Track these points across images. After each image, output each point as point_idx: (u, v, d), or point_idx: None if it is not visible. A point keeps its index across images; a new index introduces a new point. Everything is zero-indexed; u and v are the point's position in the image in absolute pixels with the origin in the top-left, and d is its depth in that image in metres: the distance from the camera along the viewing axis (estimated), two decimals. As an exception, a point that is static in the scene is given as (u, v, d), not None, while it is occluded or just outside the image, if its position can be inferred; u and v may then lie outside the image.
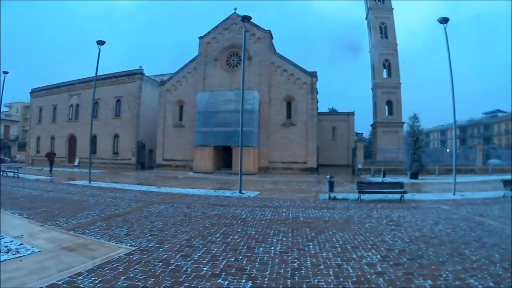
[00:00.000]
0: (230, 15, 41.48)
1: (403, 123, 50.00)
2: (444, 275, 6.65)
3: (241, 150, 21.17)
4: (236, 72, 38.95)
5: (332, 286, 5.98)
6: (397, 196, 17.77)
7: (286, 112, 39.70)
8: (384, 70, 58.72)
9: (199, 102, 37.79)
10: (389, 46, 57.92)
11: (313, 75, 39.91)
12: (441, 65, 21.86)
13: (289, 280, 6.15)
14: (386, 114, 57.65)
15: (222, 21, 42.01)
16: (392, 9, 59.27)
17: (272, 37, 42.24)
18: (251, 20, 22.32)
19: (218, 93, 37.45)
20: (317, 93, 42.10)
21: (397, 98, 57.13)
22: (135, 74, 45.76)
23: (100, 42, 24.77)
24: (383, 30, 58.36)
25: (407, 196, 18.21)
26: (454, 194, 20.59)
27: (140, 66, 46.42)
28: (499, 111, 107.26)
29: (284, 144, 38.42)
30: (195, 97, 38.52)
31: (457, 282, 6.31)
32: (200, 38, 42.24)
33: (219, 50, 41.33)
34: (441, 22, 21.67)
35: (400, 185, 18.31)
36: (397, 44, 58.54)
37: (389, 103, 57.56)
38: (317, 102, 45.81)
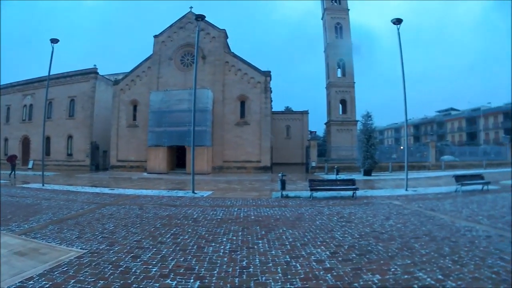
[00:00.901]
0: (186, 13, 41.10)
1: (357, 121, 50.69)
2: (392, 269, 6.77)
3: (193, 149, 21.03)
4: (191, 71, 37.97)
5: (279, 283, 5.99)
6: (349, 193, 18.05)
7: (240, 111, 39.68)
8: (339, 69, 59.67)
9: (153, 101, 37.26)
10: (343, 46, 58.80)
11: (266, 74, 40.05)
12: (398, 65, 22.33)
13: (237, 279, 6.17)
14: (340, 113, 58.66)
15: (178, 20, 41.60)
16: (348, 9, 60.38)
17: (227, 36, 42.16)
18: (206, 20, 22.21)
19: (172, 93, 37.06)
20: (271, 92, 42.27)
21: (351, 97, 58.22)
22: (89, 73, 44.47)
23: (54, 40, 23.94)
24: (338, 30, 59.33)
25: (359, 193, 18.50)
26: (406, 190, 21.02)
27: (95, 65, 45.20)
28: (452, 109, 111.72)
29: (238, 143, 38.41)
30: (149, 97, 37.92)
31: (406, 276, 6.44)
32: (155, 37, 41.76)
33: (174, 49, 40.91)
34: (394, 23, 22.04)
35: (352, 182, 18.63)
36: (352, 44, 59.57)
37: (343, 102, 58.62)
38: (271, 101, 46.02)
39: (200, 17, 21.43)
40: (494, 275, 6.61)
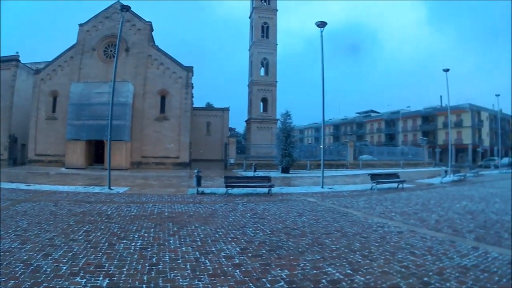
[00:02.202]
0: (113, 3, 39.87)
1: (277, 119, 51.75)
2: (301, 265, 6.95)
3: (109, 144, 20.77)
4: (113, 63, 37.65)
5: (187, 280, 6.02)
6: (265, 189, 18.44)
7: (160, 106, 39.48)
8: (262, 68, 60.67)
9: (73, 93, 36.02)
10: (269, 46, 60.19)
11: (189, 69, 40.16)
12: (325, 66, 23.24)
13: (146, 276, 6.17)
14: (261, 111, 59.99)
15: (104, 9, 40.43)
16: (277, 10, 61.62)
17: (152, 29, 41.79)
18: (132, 11, 21.85)
19: (92, 85, 36.06)
20: (192, 87, 42.28)
21: (272, 95, 59.73)
22: (10, 61, 42.02)
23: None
24: (265, 30, 60.42)
25: (275, 190, 18.98)
26: (322, 187, 21.61)
27: (17, 52, 42.93)
28: (372, 111, 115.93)
29: (157, 139, 38.25)
30: (69, 88, 36.44)
31: (315, 271, 6.61)
32: (80, 25, 40.39)
33: (98, 40, 39.87)
34: (318, 26, 22.61)
35: (268, 179, 19.10)
36: (277, 44, 61.02)
37: (265, 100, 59.91)
38: (193, 96, 46.12)
39: (125, 8, 21.11)
40: (403, 269, 6.96)
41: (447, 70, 35.19)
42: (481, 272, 6.91)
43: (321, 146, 25.90)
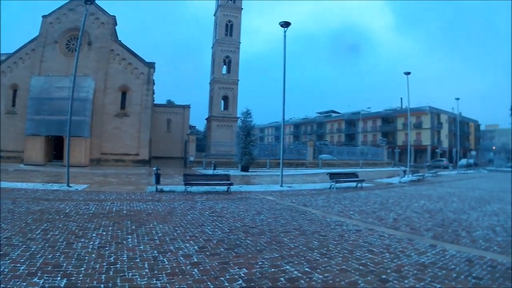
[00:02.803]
0: (78, -5, 38.58)
1: (238, 118, 52.04)
2: (260, 263, 7.05)
3: (68, 140, 20.64)
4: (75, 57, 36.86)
5: (146, 279, 5.99)
6: (224, 188, 18.65)
7: (120, 102, 38.92)
8: (224, 66, 60.74)
9: (34, 87, 34.95)
10: (232, 44, 60.29)
11: (150, 65, 39.81)
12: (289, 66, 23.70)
13: (104, 275, 6.07)
14: (222, 109, 60.12)
15: (68, 1, 39.09)
16: (242, 8, 61.71)
17: (116, 23, 41.04)
18: (97, 4, 21.51)
19: (53, 79, 35.03)
20: (154, 84, 42.01)
21: (233, 94, 59.91)
22: None
23: None
24: (229, 28, 60.42)
25: (234, 188, 19.22)
26: (281, 186, 21.88)
27: (-20, 42, 41.33)
28: (332, 111, 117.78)
29: (117, 135, 37.64)
30: (30, 82, 35.34)
31: (273, 269, 6.71)
32: (43, 17, 38.90)
33: (61, 32, 38.62)
34: (282, 26, 22.83)
35: (227, 177, 19.34)
36: (240, 43, 61.16)
37: (226, 98, 60.05)
38: (154, 93, 45.68)
39: (90, 1, 20.68)
40: (361, 266, 7.12)
41: (408, 73, 36.06)
42: (439, 269, 7.17)
43: (281, 145, 26.23)
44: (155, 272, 6.33)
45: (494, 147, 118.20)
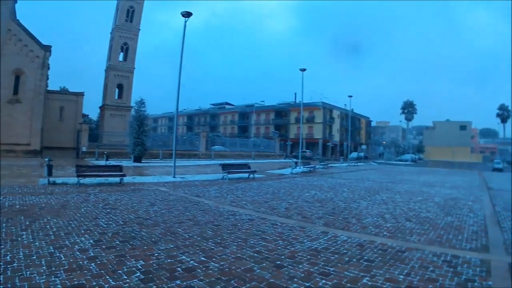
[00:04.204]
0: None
1: (132, 107, 50.46)
2: (156, 254, 7.13)
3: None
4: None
5: (44, 276, 5.76)
6: (117, 179, 18.59)
7: (13, 87, 36.19)
8: (121, 53, 59.20)
9: None
10: (131, 30, 58.91)
11: (47, 48, 37.66)
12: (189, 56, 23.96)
13: (2, 276, 5.74)
14: (116, 98, 58.60)
15: None
16: (145, -5, 59.30)
17: (16, 1, 38.31)
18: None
19: None
20: (48, 69, 40.13)
21: (128, 82, 58.73)
22: None
23: None
24: (130, 14, 58.75)
25: (127, 179, 19.24)
26: (174, 177, 22.09)
27: None
28: (227, 103, 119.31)
29: (8, 123, 34.63)
30: None
31: (169, 260, 6.83)
32: None
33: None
34: (184, 16, 22.88)
35: (120, 168, 19.23)
36: (139, 30, 59.92)
37: (121, 87, 58.59)
38: (48, 78, 43.59)
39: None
40: (256, 254, 7.48)
41: (303, 70, 37.97)
42: (331, 254, 7.70)
43: (174, 136, 26.44)
44: (53, 269, 6.13)
45: (384, 142, 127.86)
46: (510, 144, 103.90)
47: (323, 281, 6.20)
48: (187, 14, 22.94)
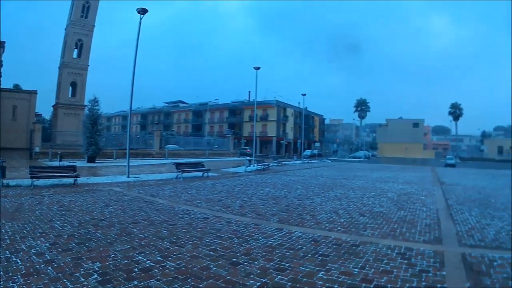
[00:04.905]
0: None
1: (85, 106, 49.24)
2: (112, 255, 7.13)
3: None
4: None
5: (1, 282, 5.70)
6: (71, 180, 18.44)
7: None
8: (76, 50, 58.04)
9: None
10: (86, 26, 57.79)
11: (0, 44, 36.95)
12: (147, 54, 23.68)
13: None
14: (70, 96, 57.46)
15: None
16: (101, -10, 58.04)
17: None
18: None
19: None
20: (2, 66, 39.21)
21: (82, 80, 57.70)
22: None
23: None
24: (85, 9, 57.63)
25: (81, 180, 19.12)
26: (128, 176, 22.10)
27: None
28: (181, 101, 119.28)
29: None
30: None
31: (126, 261, 6.84)
32: None
33: None
34: (139, 13, 22.87)
35: (73, 169, 19.08)
36: (94, 26, 58.82)
37: (74, 85, 57.48)
38: (1, 76, 42.62)
39: None
40: (212, 252, 7.60)
41: (257, 68, 38.53)
42: (286, 250, 7.91)
43: (128, 135, 26.40)
44: (10, 274, 6.05)
45: (338, 140, 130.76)
46: (462, 141, 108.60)
47: (279, 276, 6.37)
48: (142, 11, 22.94)
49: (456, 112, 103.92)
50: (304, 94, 58.24)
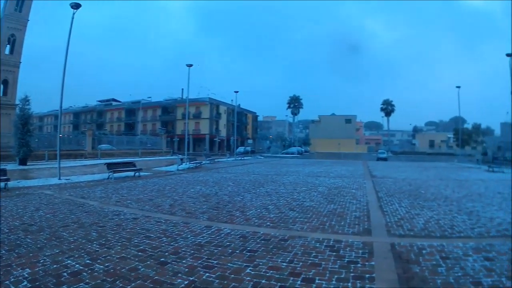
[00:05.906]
0: None
1: (16, 105, 48.27)
2: (42, 261, 6.90)
3: None
4: None
5: None
6: (2, 184, 17.83)
7: None
8: (8, 45, 55.19)
9: None
10: (19, 21, 55.14)
11: None
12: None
13: None
14: (1, 95, 54.35)
15: None
16: (34, -19, 55.61)
17: None
18: None
19: None
20: None
21: (14, 77, 54.65)
22: None
23: None
24: (20, 2, 54.92)
25: (12, 184, 18.48)
26: (59, 179, 21.77)
27: None
28: (113, 100, 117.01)
29: None
30: None
31: (55, 266, 6.66)
32: None
33: None
34: (72, 7, 22.60)
35: (4, 172, 18.37)
36: (28, 20, 56.22)
37: (5, 83, 54.41)
38: None
39: None
40: (140, 252, 7.59)
41: (190, 66, 39.34)
42: (214, 247, 8.02)
43: (61, 135, 26.00)
44: None
45: (271, 136, 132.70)
46: (394, 136, 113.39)
47: (207, 274, 6.47)
48: (75, 6, 22.68)
49: (388, 108, 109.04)
50: (237, 92, 59.41)
